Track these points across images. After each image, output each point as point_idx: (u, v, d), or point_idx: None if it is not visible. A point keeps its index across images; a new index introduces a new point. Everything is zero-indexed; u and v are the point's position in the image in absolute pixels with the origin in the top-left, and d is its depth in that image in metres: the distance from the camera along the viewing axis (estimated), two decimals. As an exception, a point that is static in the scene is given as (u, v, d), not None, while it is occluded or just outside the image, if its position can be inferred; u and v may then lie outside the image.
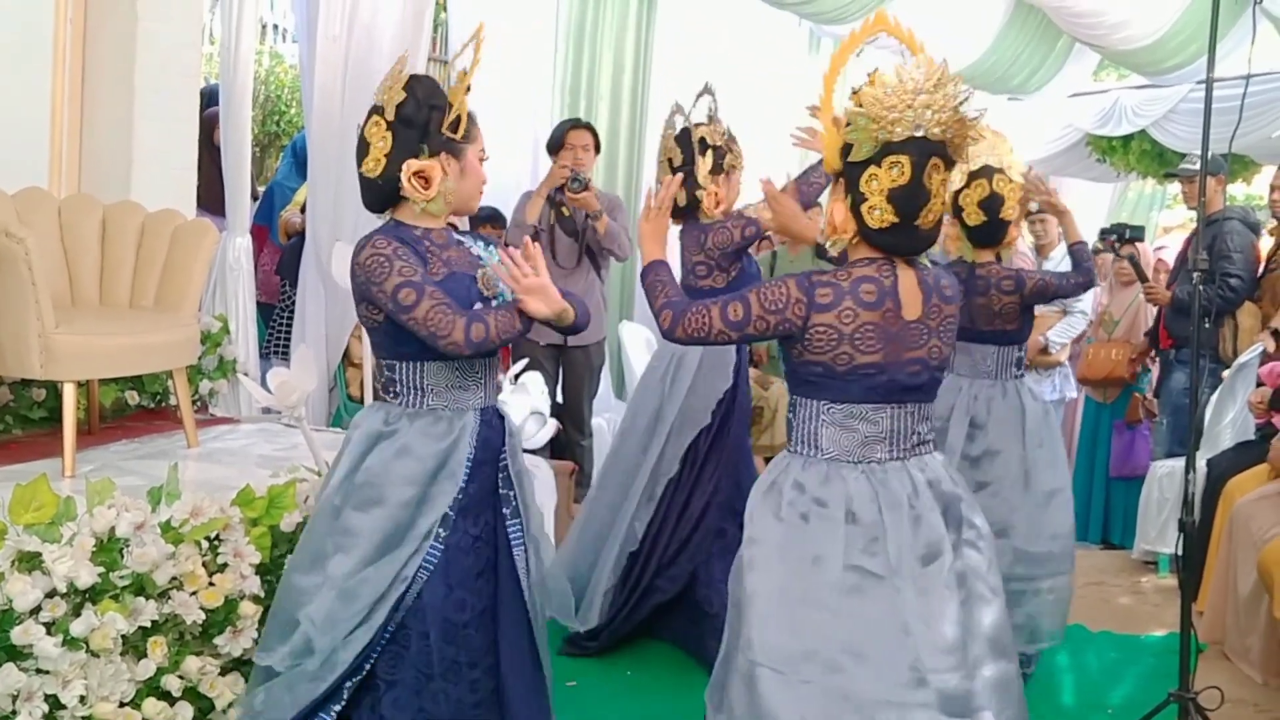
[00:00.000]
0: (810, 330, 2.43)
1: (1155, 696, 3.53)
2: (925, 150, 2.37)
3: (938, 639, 2.34)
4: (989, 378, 4.07)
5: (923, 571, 2.38)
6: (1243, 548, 4.42)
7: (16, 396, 4.11)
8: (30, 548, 2.69)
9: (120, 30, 4.62)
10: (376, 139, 2.71)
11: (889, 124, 2.36)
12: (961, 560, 2.43)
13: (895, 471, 2.46)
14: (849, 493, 2.44)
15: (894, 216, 2.40)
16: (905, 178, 2.37)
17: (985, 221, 4.00)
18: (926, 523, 2.42)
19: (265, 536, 3.12)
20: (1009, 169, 3.99)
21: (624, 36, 7.50)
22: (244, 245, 5.30)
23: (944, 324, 2.51)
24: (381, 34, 5.11)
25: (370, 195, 2.79)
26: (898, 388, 2.46)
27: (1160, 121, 10.11)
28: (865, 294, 2.42)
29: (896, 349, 2.44)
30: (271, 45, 9.51)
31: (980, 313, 4.02)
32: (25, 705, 2.63)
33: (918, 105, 2.36)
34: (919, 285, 2.48)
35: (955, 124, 2.38)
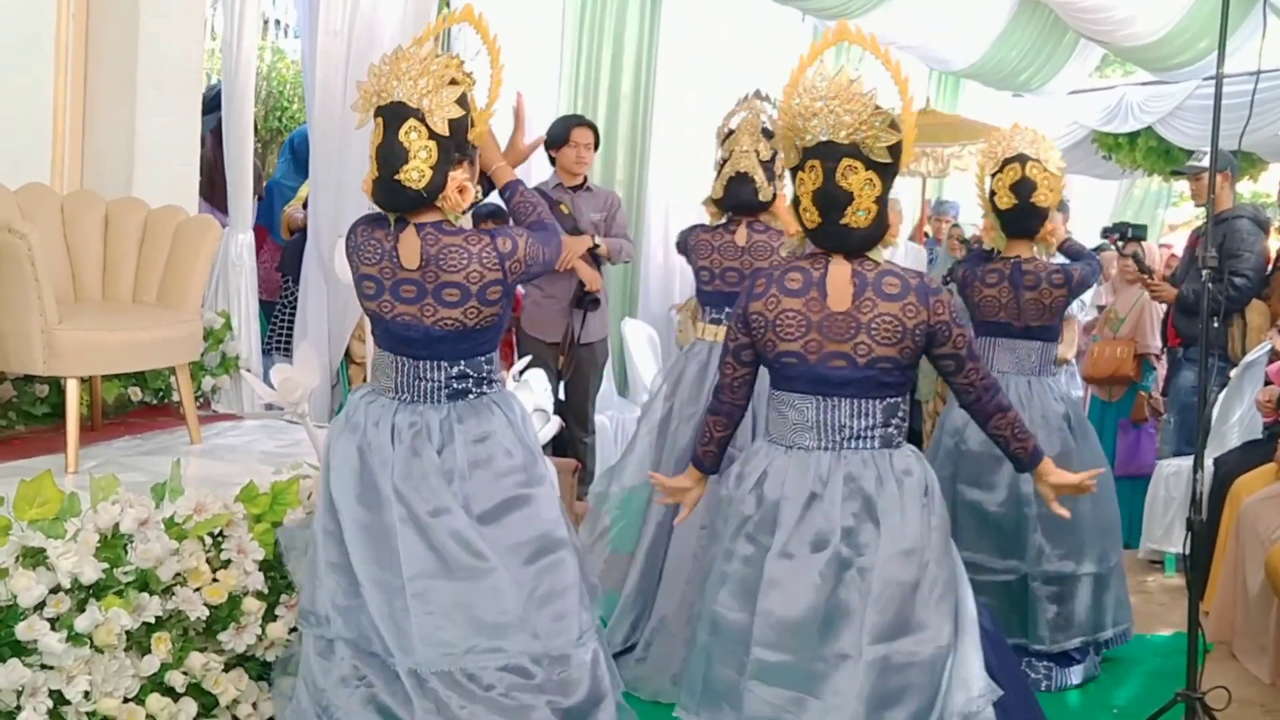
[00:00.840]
0: (750, 317, 2.64)
1: (1162, 696, 3.52)
2: (835, 153, 2.51)
3: (777, 618, 2.49)
4: (1033, 374, 4.11)
5: (809, 556, 2.51)
6: (1250, 547, 4.40)
7: (20, 392, 4.11)
8: (34, 543, 2.69)
9: (122, 26, 4.61)
10: (418, 147, 2.63)
11: (801, 131, 2.53)
12: (866, 555, 2.50)
13: (817, 460, 2.58)
14: (766, 470, 2.62)
15: (818, 216, 2.55)
16: (820, 180, 2.52)
17: (1016, 205, 4.01)
18: (823, 513, 2.53)
19: (269, 533, 3.11)
20: (1045, 161, 4.00)
21: (625, 32, 7.48)
22: (246, 241, 5.29)
23: (878, 320, 2.54)
24: (383, 29, 5.09)
25: (400, 200, 2.68)
26: (820, 380, 2.57)
27: (1167, 118, 10.09)
28: (790, 282, 2.59)
29: (819, 340, 2.56)
30: (273, 41, 9.49)
31: (1030, 307, 4.05)
32: (30, 701, 2.63)
33: (824, 112, 2.50)
34: (852, 279, 2.56)
35: (862, 126, 2.49)
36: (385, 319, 2.75)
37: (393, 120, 2.65)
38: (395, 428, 2.74)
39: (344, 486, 2.75)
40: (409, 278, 2.71)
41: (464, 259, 2.68)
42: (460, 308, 2.70)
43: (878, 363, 2.55)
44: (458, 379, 2.77)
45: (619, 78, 7.49)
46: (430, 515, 2.67)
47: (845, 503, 2.53)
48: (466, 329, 2.72)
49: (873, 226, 2.56)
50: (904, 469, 2.59)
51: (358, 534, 2.71)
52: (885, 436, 2.60)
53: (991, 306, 4.11)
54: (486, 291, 2.70)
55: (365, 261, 2.76)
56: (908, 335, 2.55)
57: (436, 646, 2.63)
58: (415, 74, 2.65)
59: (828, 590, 2.48)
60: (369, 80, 2.71)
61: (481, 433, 2.74)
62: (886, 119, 2.51)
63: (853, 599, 2.48)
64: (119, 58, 4.63)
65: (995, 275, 4.11)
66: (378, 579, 2.68)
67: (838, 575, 2.49)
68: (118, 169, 4.63)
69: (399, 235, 2.72)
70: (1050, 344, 4.15)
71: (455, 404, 2.77)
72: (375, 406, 2.79)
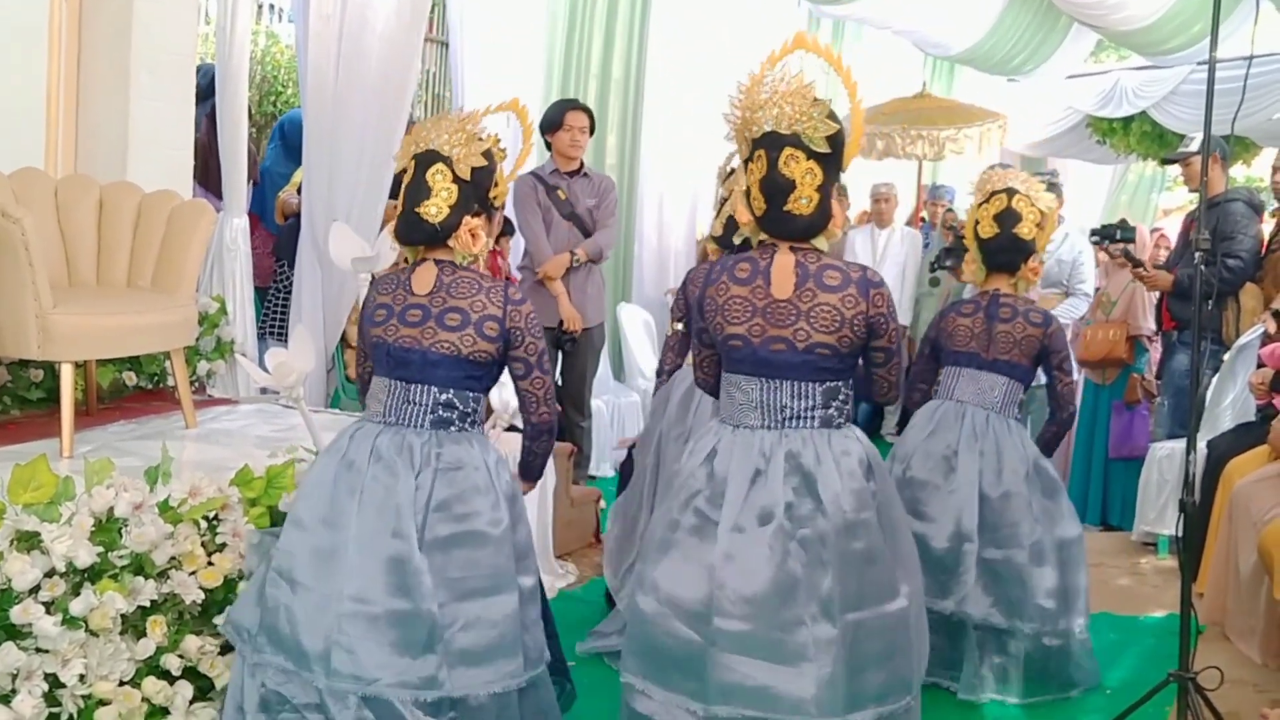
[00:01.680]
0: (704, 304, 2.81)
1: (1155, 677, 3.53)
2: (778, 142, 2.67)
3: (735, 589, 2.63)
4: (993, 410, 3.94)
5: (758, 530, 2.65)
6: (1243, 529, 4.42)
7: (14, 377, 4.11)
8: (29, 527, 2.69)
9: (116, 10, 4.60)
10: (440, 188, 2.82)
11: (748, 124, 2.71)
12: (809, 527, 2.64)
13: (761, 438, 2.73)
14: (715, 447, 2.78)
15: (764, 203, 2.71)
16: (765, 169, 2.69)
17: (998, 234, 3.91)
18: (768, 488, 2.67)
19: (264, 516, 3.12)
20: (1034, 198, 3.91)
21: (616, 16, 7.47)
22: (241, 226, 5.29)
23: (817, 309, 2.68)
24: (375, 13, 5.09)
25: (418, 233, 2.85)
26: (763, 362, 2.73)
27: (1161, 103, 10.09)
28: (739, 271, 2.77)
29: (762, 325, 2.72)
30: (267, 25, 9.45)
31: (1000, 339, 3.91)
32: (25, 684, 2.64)
33: (768, 105, 2.67)
34: (795, 269, 2.71)
35: (802, 117, 2.64)
36: (388, 342, 2.85)
37: (423, 163, 2.85)
38: (375, 449, 2.80)
39: (311, 506, 2.81)
40: (417, 302, 2.84)
41: (473, 289, 2.84)
42: (458, 333, 2.80)
43: (816, 348, 2.69)
44: (444, 407, 2.84)
45: (609, 62, 7.49)
46: (390, 537, 2.71)
47: (786, 478, 2.68)
48: (460, 356, 2.81)
49: (815, 215, 2.70)
50: (843, 449, 2.73)
51: (310, 554, 2.75)
52: (825, 418, 2.75)
53: (963, 335, 3.98)
54: (484, 325, 2.81)
55: (381, 293, 2.91)
56: (845, 324, 2.69)
57: (356, 670, 2.66)
58: (453, 129, 2.86)
59: (777, 561, 2.62)
60: (412, 135, 2.93)
61: (456, 462, 2.80)
62: (825, 110, 2.66)
63: (798, 569, 2.61)
64: (112, 42, 4.62)
65: (971, 306, 4.02)
66: (318, 596, 2.71)
67: (784, 547, 2.63)
68: (112, 153, 4.62)
69: (416, 269, 2.88)
70: (1016, 383, 3.96)
71: (437, 432, 2.83)
72: (361, 432, 2.86)
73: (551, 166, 5.65)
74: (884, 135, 8.74)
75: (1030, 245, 3.93)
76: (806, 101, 2.65)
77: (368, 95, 5.15)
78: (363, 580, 2.69)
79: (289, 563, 2.77)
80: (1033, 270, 3.97)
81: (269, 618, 2.75)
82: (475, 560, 2.76)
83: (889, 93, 9.35)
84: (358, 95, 5.15)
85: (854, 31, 9.89)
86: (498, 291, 2.85)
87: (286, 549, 2.79)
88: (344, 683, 2.65)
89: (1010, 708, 3.78)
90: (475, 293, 2.83)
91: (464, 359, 2.81)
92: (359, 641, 2.66)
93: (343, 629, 2.66)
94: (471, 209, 2.85)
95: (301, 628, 2.70)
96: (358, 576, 2.69)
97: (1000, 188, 3.94)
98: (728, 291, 2.76)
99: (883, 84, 9.59)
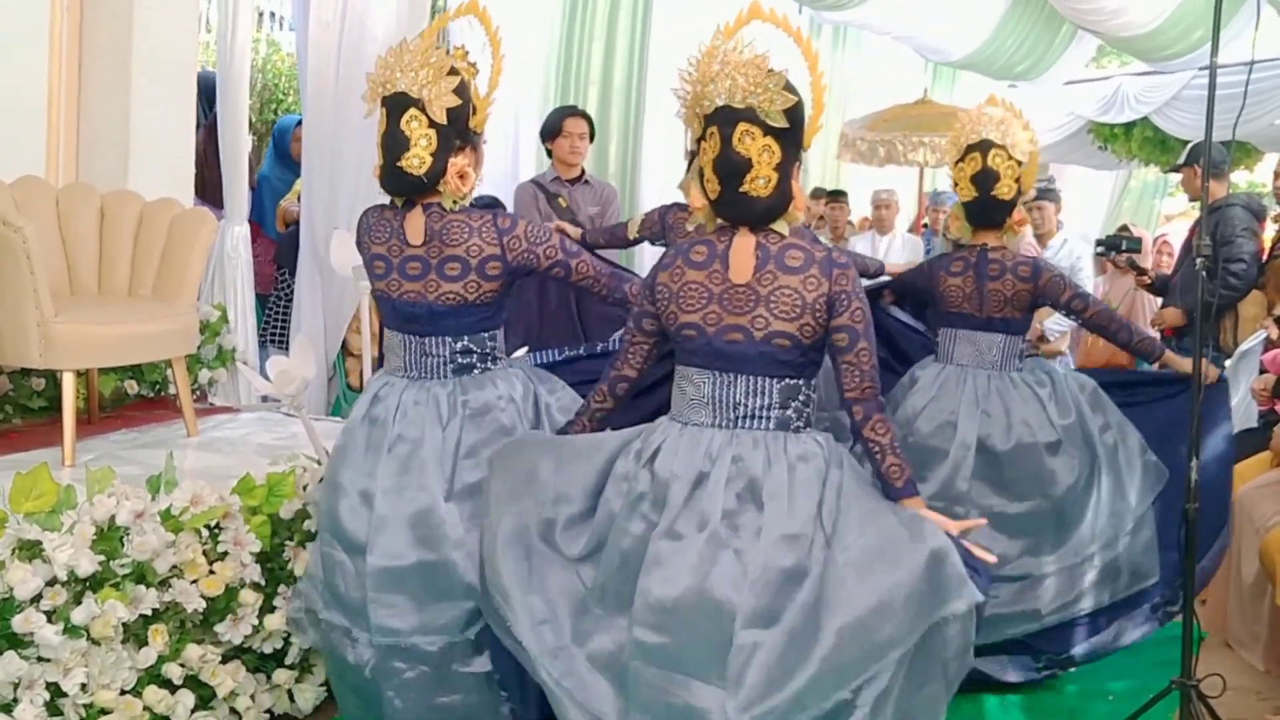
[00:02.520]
0: (656, 289, 2.61)
1: (1157, 684, 3.52)
2: (731, 118, 2.45)
3: (656, 598, 2.41)
4: (994, 368, 3.91)
5: (695, 536, 2.43)
6: (1245, 535, 4.41)
7: (16, 386, 4.11)
8: (31, 536, 2.69)
9: (117, 18, 4.60)
10: (418, 136, 2.75)
11: (699, 99, 2.50)
12: (742, 538, 2.42)
13: (710, 437, 2.52)
14: (660, 446, 2.56)
15: (719, 185, 2.49)
16: (719, 147, 2.47)
17: (976, 198, 3.83)
18: (708, 493, 2.46)
19: (265, 525, 3.12)
20: (1011, 147, 3.77)
21: (617, 22, 7.47)
22: (242, 234, 5.29)
23: (777, 293, 2.48)
24: (374, 19, 5.09)
25: (404, 186, 2.81)
26: (716, 354, 2.52)
27: (1163, 109, 10.09)
28: (695, 254, 2.56)
29: (718, 312, 2.51)
30: (268, 33, 9.47)
31: (991, 297, 3.87)
32: (27, 693, 2.64)
33: (720, 77, 2.46)
34: (755, 250, 2.51)
35: (756, 89, 2.44)
36: (393, 298, 2.88)
37: (395, 110, 2.77)
38: (401, 404, 2.86)
39: (342, 467, 2.90)
40: (415, 254, 2.83)
41: (465, 233, 2.81)
42: (460, 281, 2.81)
43: (774, 338, 2.49)
44: (462, 354, 2.88)
45: (610, 69, 7.49)
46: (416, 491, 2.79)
47: (730, 483, 2.47)
48: (468, 303, 2.83)
49: (774, 197, 2.48)
50: (800, 454, 2.51)
51: (348, 514, 2.85)
52: (781, 419, 2.54)
53: (955, 296, 3.93)
54: (486, 266, 2.81)
55: (375, 241, 2.89)
56: (807, 310, 2.48)
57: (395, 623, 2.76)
58: (416, 65, 2.76)
59: (705, 571, 2.40)
60: (376, 71, 2.82)
61: (483, 406, 2.85)
62: (780, 80, 2.46)
63: (725, 581, 2.39)
64: (113, 49, 4.62)
65: (960, 264, 3.94)
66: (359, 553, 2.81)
67: (714, 556, 2.41)
68: (112, 161, 4.63)
69: (406, 214, 2.85)
70: (1014, 337, 3.92)
71: (460, 379, 2.89)
72: (386, 388, 2.92)
73: (552, 174, 5.65)
74: (885, 142, 8.72)
75: (1012, 203, 3.83)
76: (761, 72, 2.44)
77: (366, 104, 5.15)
78: (388, 536, 2.77)
79: (333, 525, 2.87)
80: (1018, 222, 3.89)
81: (328, 575, 2.88)
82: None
83: (890, 99, 9.36)
84: (358, 102, 5.15)
85: (855, 38, 9.90)
86: (489, 229, 2.81)
87: (327, 513, 2.90)
88: (385, 637, 2.74)
89: (1010, 707, 3.78)
90: (469, 236, 2.80)
91: (471, 305, 2.83)
92: (392, 596, 2.75)
93: (376, 585, 2.75)
94: (454, 148, 2.80)
95: (353, 584, 2.81)
96: (382, 533, 2.77)
97: (975, 141, 3.80)
98: (683, 277, 2.56)
99: (884, 90, 9.60)
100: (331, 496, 2.90)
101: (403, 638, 2.74)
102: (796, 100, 2.47)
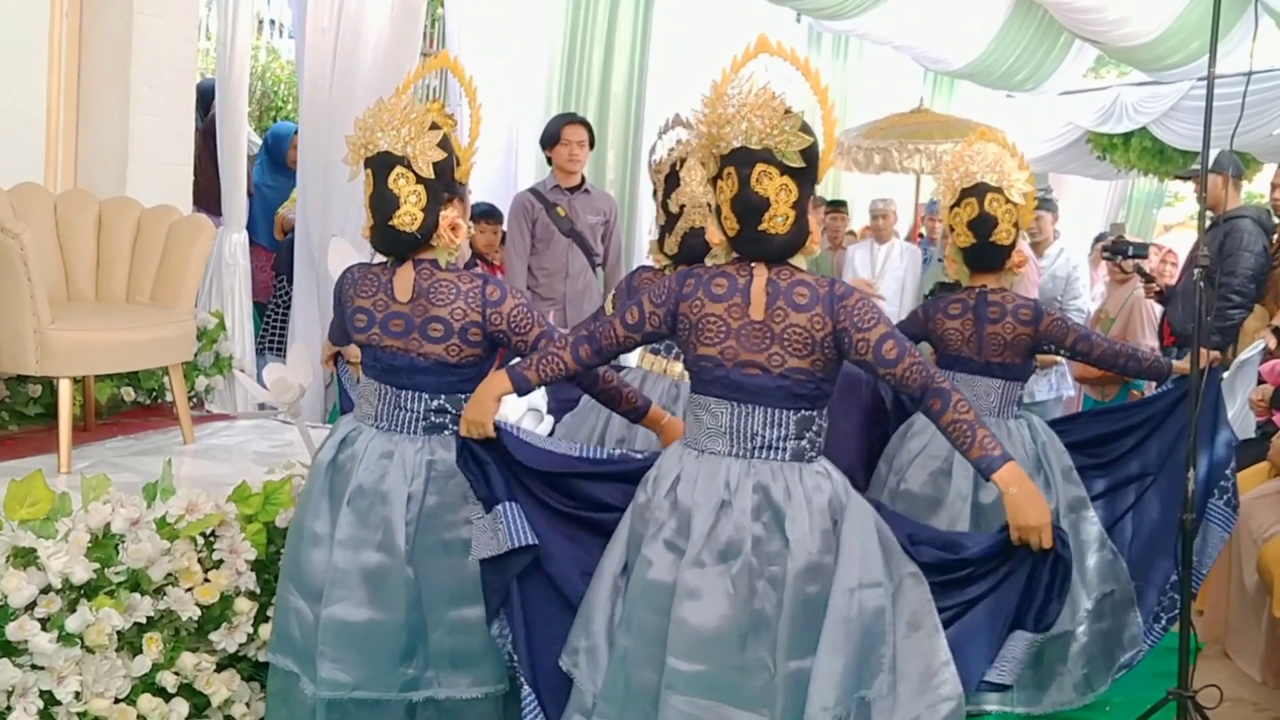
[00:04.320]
0: (677, 319, 2.61)
1: (1154, 694, 3.52)
2: (749, 159, 2.48)
3: (693, 628, 2.45)
4: (990, 414, 3.80)
5: (720, 565, 2.48)
6: (1244, 546, 4.41)
7: (12, 392, 4.11)
8: (25, 543, 2.69)
9: (116, 25, 4.61)
10: (407, 193, 2.75)
11: (714, 140, 2.53)
12: (777, 565, 2.48)
13: (728, 466, 2.55)
14: (679, 475, 2.58)
15: (737, 223, 2.53)
16: (737, 187, 2.50)
17: (974, 244, 3.73)
18: (733, 521, 2.50)
19: (261, 533, 3.11)
20: (1008, 189, 3.68)
21: (617, 32, 7.48)
22: (240, 241, 5.29)
23: (789, 331, 2.51)
24: (368, 27, 5.09)
25: (398, 244, 2.79)
26: (735, 385, 2.55)
27: (1161, 119, 10.10)
28: (716, 287, 2.57)
29: (736, 347, 2.54)
30: (268, 40, 9.48)
31: (990, 341, 3.76)
32: (20, 701, 2.63)
33: (736, 119, 2.49)
34: (766, 287, 2.54)
35: (773, 131, 2.47)
36: (374, 348, 2.85)
37: (381, 169, 2.76)
38: (368, 453, 2.81)
39: (305, 513, 2.85)
40: (399, 311, 2.80)
41: (452, 295, 2.78)
42: (443, 344, 2.78)
43: (792, 374, 2.53)
44: (436, 413, 2.84)
45: (610, 78, 7.50)
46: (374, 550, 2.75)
47: (755, 511, 2.51)
48: (448, 364, 2.80)
49: (791, 233, 2.52)
50: (814, 486, 2.56)
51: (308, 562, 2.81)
52: (797, 450, 2.57)
53: (954, 339, 3.82)
54: (468, 332, 2.78)
55: (361, 295, 2.86)
56: (818, 347, 2.52)
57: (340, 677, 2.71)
58: (398, 123, 2.75)
59: (741, 600, 2.46)
60: (356, 134, 2.81)
61: (449, 470, 2.78)
62: (797, 122, 2.48)
63: (767, 609, 2.47)
64: (113, 57, 4.63)
65: (959, 306, 3.83)
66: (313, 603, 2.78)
67: (750, 585, 2.47)
68: (111, 168, 4.63)
69: (396, 270, 2.83)
70: (1012, 383, 3.81)
71: (430, 438, 2.84)
72: (355, 433, 2.88)
73: (552, 182, 5.65)
74: (881, 150, 8.73)
75: (1010, 248, 3.74)
76: (777, 114, 2.47)
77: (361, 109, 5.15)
78: (344, 590, 2.73)
79: (293, 570, 2.84)
80: (1017, 264, 3.80)
81: (281, 618, 2.84)
82: (463, 566, 2.77)
83: (890, 108, 9.37)
84: (352, 109, 5.15)
85: (856, 47, 9.91)
86: (475, 295, 2.78)
87: (289, 556, 2.87)
88: (328, 690, 2.70)
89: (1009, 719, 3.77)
90: (454, 298, 2.77)
91: (452, 366, 2.81)
92: (342, 650, 2.71)
93: (326, 637, 2.71)
94: (442, 201, 2.78)
95: (308, 631, 2.77)
96: (339, 586, 2.73)
97: (970, 185, 3.71)
98: (702, 309, 2.57)
99: (884, 99, 9.61)
100: (296, 541, 2.86)
101: (345, 691, 2.70)
102: (812, 141, 2.51)
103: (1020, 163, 3.75)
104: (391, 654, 2.72)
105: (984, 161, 3.71)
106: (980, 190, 3.69)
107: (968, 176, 3.72)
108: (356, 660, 2.71)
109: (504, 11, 6.53)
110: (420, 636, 2.74)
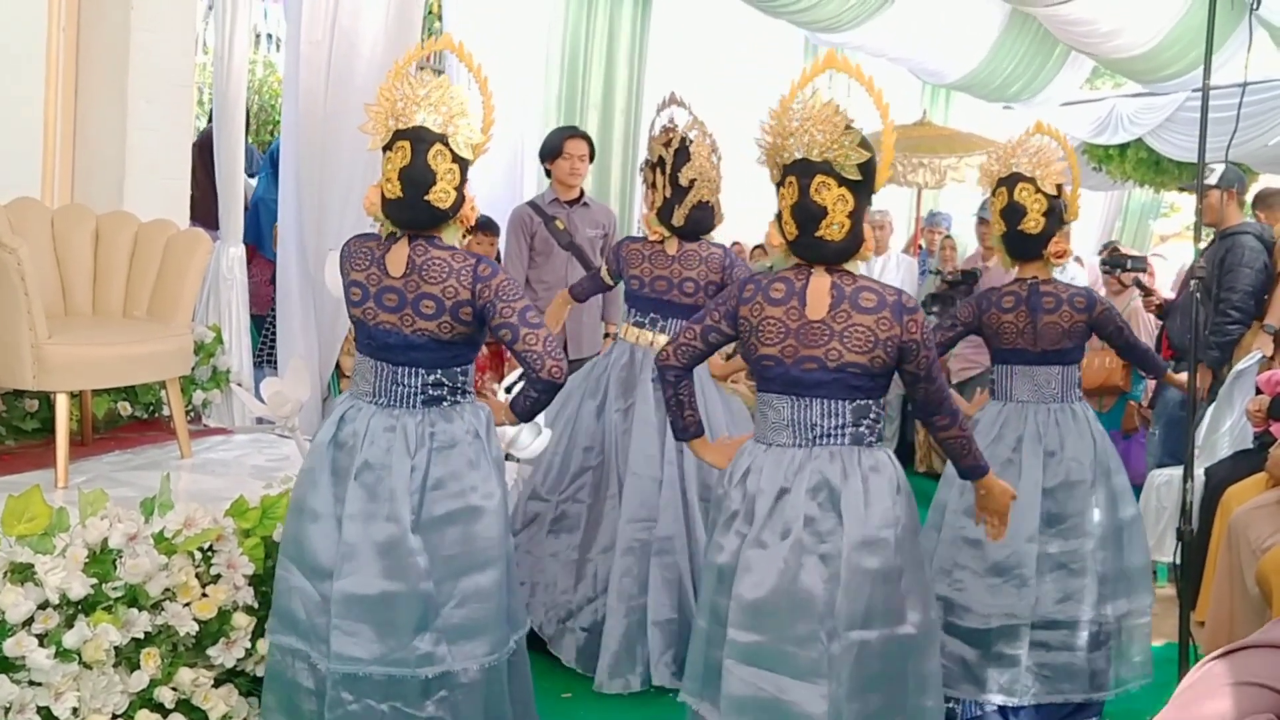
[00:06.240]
0: (738, 322, 2.80)
1: (1154, 706, 3.49)
2: (810, 170, 2.64)
3: (747, 600, 2.65)
4: (1055, 401, 3.86)
5: (778, 544, 2.67)
6: (1243, 557, 4.40)
7: (9, 407, 4.10)
8: (23, 559, 2.69)
9: (113, 40, 4.61)
10: (444, 170, 2.79)
11: (778, 150, 2.69)
12: (829, 543, 2.66)
13: (791, 456, 2.74)
14: (749, 467, 2.79)
15: (796, 229, 2.70)
16: (797, 195, 2.67)
17: (1006, 232, 3.77)
18: (791, 504, 2.69)
19: (259, 547, 3.11)
20: (1041, 180, 3.69)
21: (617, 42, 7.49)
22: (237, 255, 5.28)
23: (850, 330, 2.68)
24: (362, 39, 5.07)
25: (426, 219, 2.81)
26: (794, 381, 2.73)
27: (1157, 130, 10.10)
28: (774, 291, 2.75)
29: (795, 345, 2.72)
30: (265, 54, 9.50)
31: (1048, 331, 3.79)
32: (18, 717, 2.63)
33: (799, 132, 2.65)
34: (830, 290, 2.70)
35: (833, 145, 2.62)
36: (368, 325, 2.88)
37: (419, 144, 2.77)
38: (370, 430, 2.85)
39: (307, 492, 2.88)
40: (392, 285, 2.82)
41: (444, 272, 2.80)
42: (435, 320, 2.81)
43: (847, 368, 2.69)
44: (433, 386, 2.87)
45: (611, 91, 7.50)
46: (384, 520, 2.79)
47: (810, 493, 2.69)
48: (441, 341, 2.84)
49: (847, 240, 2.68)
50: (872, 465, 2.73)
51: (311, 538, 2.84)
52: (855, 435, 2.75)
53: (1009, 332, 3.84)
54: (459, 310, 2.81)
55: (356, 268, 2.89)
56: (879, 345, 2.68)
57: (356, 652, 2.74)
58: (436, 100, 2.79)
59: (791, 574, 2.63)
60: (384, 103, 2.81)
61: (450, 439, 2.85)
62: (856, 138, 2.63)
63: (815, 583, 2.63)
64: (110, 71, 4.63)
65: (1011, 299, 3.84)
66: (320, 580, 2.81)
67: (799, 560, 2.63)
68: (108, 182, 4.63)
69: (390, 246, 2.85)
70: (1070, 367, 3.88)
71: (429, 410, 2.87)
72: (353, 411, 2.91)
73: (551, 195, 5.65)
74: (883, 162, 8.75)
75: (1042, 237, 3.75)
76: (838, 129, 2.62)
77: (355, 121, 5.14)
78: (356, 564, 2.76)
79: (293, 549, 2.86)
80: (1056, 254, 3.82)
81: (281, 599, 2.86)
82: (471, 535, 2.84)
83: (886, 121, 9.39)
84: (346, 121, 5.14)
85: (851, 60, 9.92)
86: (467, 272, 2.79)
87: (290, 535, 2.89)
88: (344, 665, 2.73)
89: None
90: (446, 276, 2.79)
91: (445, 343, 2.84)
92: (356, 624, 2.74)
93: (340, 612, 2.74)
94: (466, 181, 2.85)
95: (314, 609, 2.79)
96: (351, 560, 2.76)
97: (1004, 175, 3.75)
98: (762, 312, 2.74)
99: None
100: (297, 520, 2.88)
101: (361, 666, 2.73)
102: (870, 155, 2.64)
103: (1066, 152, 3.82)
104: (405, 626, 2.75)
105: (1025, 152, 3.77)
106: (1012, 180, 3.75)
107: (1005, 166, 3.78)
108: (370, 634, 2.74)
109: (502, 24, 6.53)
110: (432, 609, 2.77)
